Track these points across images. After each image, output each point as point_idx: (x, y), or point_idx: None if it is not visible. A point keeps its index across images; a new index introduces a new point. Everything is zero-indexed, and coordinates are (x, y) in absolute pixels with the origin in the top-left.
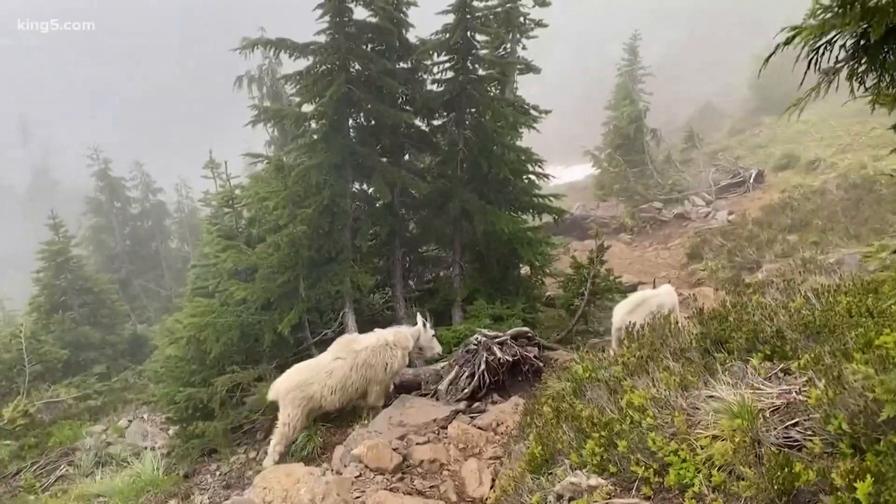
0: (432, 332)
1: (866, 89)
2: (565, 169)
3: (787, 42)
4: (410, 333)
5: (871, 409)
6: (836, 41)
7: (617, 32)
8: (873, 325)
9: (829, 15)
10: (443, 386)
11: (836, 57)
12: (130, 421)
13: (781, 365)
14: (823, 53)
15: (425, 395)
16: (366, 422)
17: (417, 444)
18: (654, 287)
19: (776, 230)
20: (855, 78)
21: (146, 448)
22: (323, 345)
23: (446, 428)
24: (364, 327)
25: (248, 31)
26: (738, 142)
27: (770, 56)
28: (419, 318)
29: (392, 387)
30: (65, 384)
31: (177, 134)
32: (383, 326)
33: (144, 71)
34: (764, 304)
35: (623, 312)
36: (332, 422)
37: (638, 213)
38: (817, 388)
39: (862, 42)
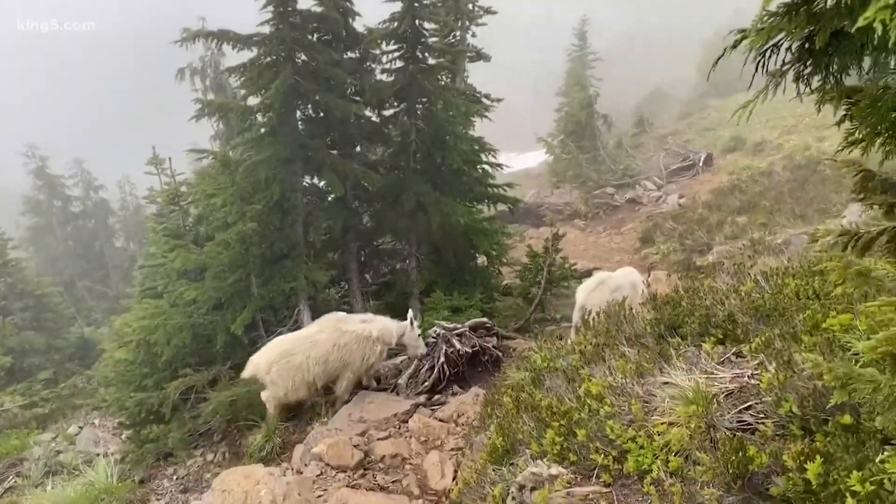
0: (418, 331)
1: (812, 91)
2: (519, 156)
3: (735, 45)
4: (395, 329)
5: (820, 391)
6: (782, 44)
7: (567, 18)
8: (820, 308)
9: (775, 20)
10: (402, 380)
11: (783, 59)
12: (81, 427)
13: (734, 349)
14: (770, 56)
15: (385, 389)
16: (325, 419)
17: (378, 439)
18: (649, 275)
19: (725, 212)
20: (801, 80)
21: (99, 455)
22: None
23: (407, 422)
24: None
25: (189, 21)
26: (687, 125)
27: (719, 59)
28: (409, 315)
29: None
30: (9, 392)
31: (118, 129)
32: None
33: (80, 64)
34: (715, 289)
35: (587, 290)
36: (290, 420)
37: (591, 198)
38: (768, 372)
39: (807, 45)
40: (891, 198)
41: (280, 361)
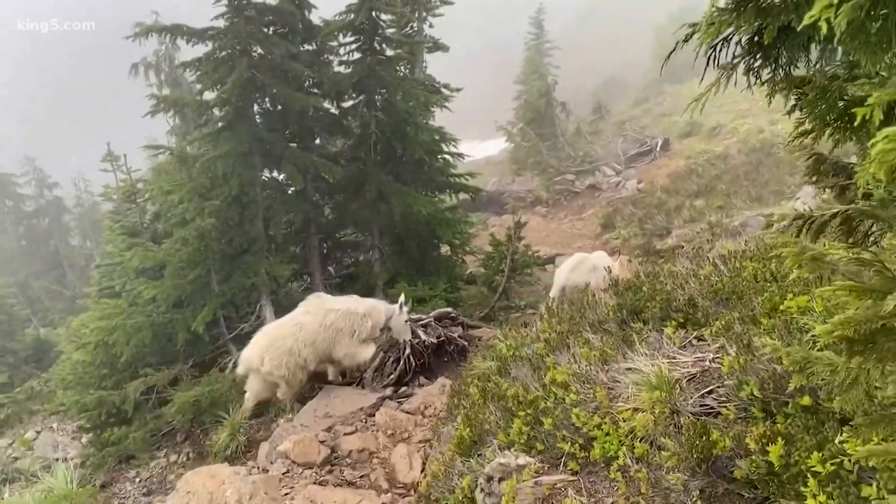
0: (406, 316)
1: (762, 83)
2: (480, 144)
3: (686, 39)
4: (384, 310)
5: (779, 374)
6: (732, 38)
7: (522, 4)
8: (777, 290)
9: (725, 15)
10: (368, 373)
11: (734, 53)
12: (38, 432)
13: (695, 333)
14: (721, 49)
15: (350, 383)
16: (290, 416)
17: (345, 434)
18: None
19: (683, 196)
20: (752, 72)
21: (58, 460)
22: (239, 340)
23: (374, 415)
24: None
25: (142, 15)
26: (643, 111)
27: (671, 53)
28: (400, 299)
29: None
30: None
31: (70, 125)
32: None
33: (29, 60)
34: (675, 273)
35: (567, 270)
36: (255, 417)
37: (552, 185)
38: (729, 356)
39: (756, 39)
40: (842, 180)
41: (270, 350)
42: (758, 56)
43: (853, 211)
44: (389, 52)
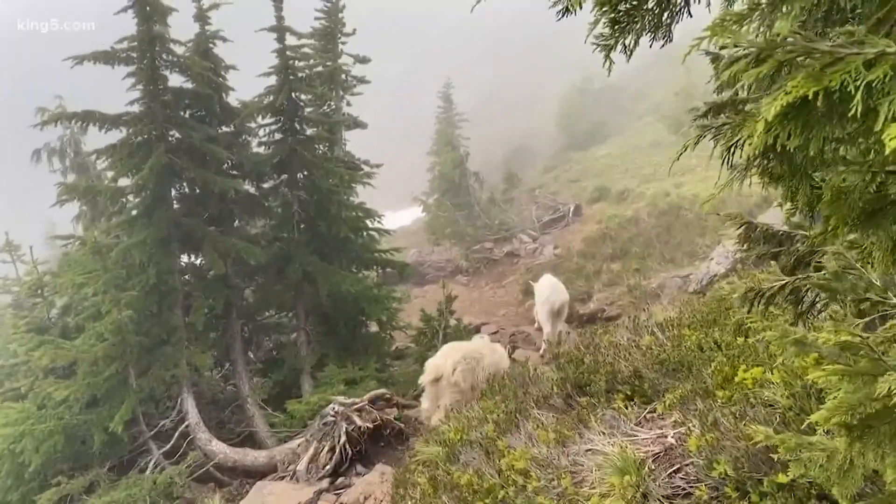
0: None
1: (776, 185)
2: (393, 214)
3: (697, 142)
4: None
5: (752, 451)
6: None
7: (430, 77)
8: (726, 361)
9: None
10: (301, 465)
11: (748, 155)
12: None
13: (648, 408)
14: (734, 151)
15: (283, 478)
16: None
17: None
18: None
19: (600, 260)
20: (766, 174)
21: None
22: (160, 437)
23: None
24: (206, 410)
25: (43, 100)
26: (552, 178)
27: (679, 155)
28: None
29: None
30: None
31: None
32: (225, 407)
33: None
34: (616, 344)
35: (549, 290)
36: None
37: (471, 254)
38: (694, 432)
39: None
40: (773, 247)
41: (461, 363)
42: (772, 158)
43: (803, 283)
44: (310, 132)
